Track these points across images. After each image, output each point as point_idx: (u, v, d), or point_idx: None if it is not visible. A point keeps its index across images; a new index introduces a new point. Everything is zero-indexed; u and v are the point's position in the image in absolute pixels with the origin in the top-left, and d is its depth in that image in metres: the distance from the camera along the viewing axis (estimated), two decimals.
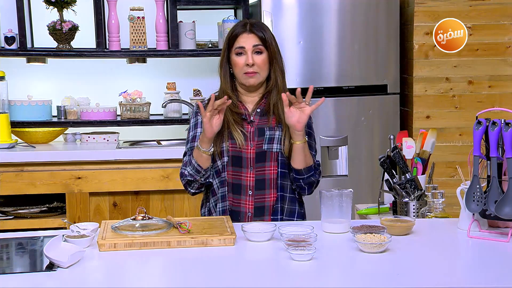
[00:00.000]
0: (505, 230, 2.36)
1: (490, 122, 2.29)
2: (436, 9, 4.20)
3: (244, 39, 2.65)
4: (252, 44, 2.64)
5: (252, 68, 2.63)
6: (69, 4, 4.16)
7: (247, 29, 2.66)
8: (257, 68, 2.64)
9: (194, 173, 2.62)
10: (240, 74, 2.66)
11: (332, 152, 4.23)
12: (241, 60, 2.65)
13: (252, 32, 2.65)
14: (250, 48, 2.64)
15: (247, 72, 2.64)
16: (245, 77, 2.65)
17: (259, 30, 2.66)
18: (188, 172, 2.63)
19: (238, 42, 2.66)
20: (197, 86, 4.40)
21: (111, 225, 2.37)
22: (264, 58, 2.65)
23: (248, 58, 2.63)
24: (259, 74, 2.65)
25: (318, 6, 4.16)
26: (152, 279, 2.03)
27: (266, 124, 2.68)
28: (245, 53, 2.64)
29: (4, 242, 2.36)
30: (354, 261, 2.14)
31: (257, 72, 2.64)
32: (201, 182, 2.65)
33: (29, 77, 4.42)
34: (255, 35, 2.65)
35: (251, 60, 2.63)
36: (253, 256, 2.22)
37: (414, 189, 2.69)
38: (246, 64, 2.63)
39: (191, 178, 2.63)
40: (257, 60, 2.64)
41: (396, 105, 4.32)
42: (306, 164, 2.62)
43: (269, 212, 2.66)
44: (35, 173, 3.90)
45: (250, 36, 2.65)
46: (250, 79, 2.65)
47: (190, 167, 2.62)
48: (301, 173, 2.63)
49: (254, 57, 2.63)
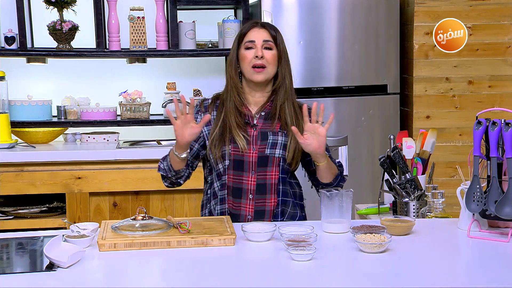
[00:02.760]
0: (505, 230, 2.36)
1: (490, 122, 2.29)
2: (436, 9, 4.20)
3: (255, 33, 2.65)
4: (262, 39, 2.64)
5: (261, 61, 2.62)
6: (69, 4, 4.16)
7: (259, 24, 2.67)
8: (265, 62, 2.63)
9: (167, 170, 2.64)
10: (248, 69, 2.64)
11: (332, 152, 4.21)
12: (250, 53, 2.63)
13: (263, 28, 2.66)
14: (260, 42, 2.63)
15: (255, 66, 2.62)
16: (252, 72, 2.63)
17: (271, 28, 2.67)
18: (162, 166, 2.65)
19: (248, 36, 2.65)
20: (197, 86, 4.39)
21: (111, 225, 2.37)
22: (274, 54, 2.64)
23: (258, 51, 2.62)
24: (267, 70, 2.63)
25: (318, 6, 4.16)
26: (152, 279, 2.03)
27: (270, 128, 2.66)
28: (255, 47, 2.63)
29: (4, 242, 2.36)
30: (354, 261, 2.14)
31: (265, 67, 2.63)
32: (172, 181, 2.67)
33: (29, 77, 4.42)
34: (266, 30, 2.66)
35: (261, 52, 2.62)
36: (253, 256, 2.22)
37: (414, 189, 2.69)
38: (256, 56, 2.62)
39: (163, 173, 2.66)
40: (266, 55, 2.63)
41: (396, 105, 4.32)
42: (333, 175, 2.64)
43: (269, 216, 2.64)
44: (35, 173, 3.91)
45: (261, 31, 2.65)
46: (258, 75, 2.63)
47: (165, 163, 2.64)
48: (330, 184, 2.65)
49: (264, 51, 2.63)
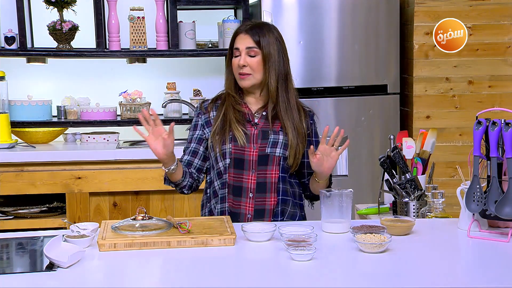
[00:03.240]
0: (505, 230, 2.36)
1: (490, 122, 2.29)
2: (436, 9, 4.20)
3: (239, 39, 2.66)
4: (246, 46, 2.64)
5: (244, 70, 2.63)
6: (69, 4, 4.16)
7: (244, 30, 2.66)
8: (249, 69, 2.63)
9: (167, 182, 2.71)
10: (236, 75, 2.67)
11: None
12: (236, 61, 2.65)
13: (247, 33, 2.64)
14: (244, 50, 2.64)
15: (240, 73, 2.64)
16: (239, 78, 2.66)
17: (256, 34, 2.64)
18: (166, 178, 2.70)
19: (235, 43, 2.67)
20: (197, 86, 4.40)
21: (111, 225, 2.37)
22: (258, 60, 2.63)
23: (241, 59, 2.63)
24: (252, 76, 2.64)
25: (318, 6, 4.16)
26: (152, 279, 2.03)
27: (270, 127, 2.67)
28: (240, 54, 2.64)
29: (4, 242, 2.36)
30: (354, 261, 2.14)
31: (249, 74, 2.64)
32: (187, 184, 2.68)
33: (29, 77, 4.42)
34: (249, 36, 2.64)
35: (243, 61, 2.62)
36: (253, 256, 2.22)
37: (414, 189, 2.69)
38: (238, 64, 2.64)
39: (168, 184, 2.72)
40: (250, 62, 2.63)
41: (396, 105, 4.32)
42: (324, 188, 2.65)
43: (269, 215, 2.65)
44: (35, 173, 3.91)
45: (245, 37, 2.64)
46: (243, 82, 2.66)
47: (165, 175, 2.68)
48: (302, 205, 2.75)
49: (247, 58, 2.63)
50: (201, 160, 2.71)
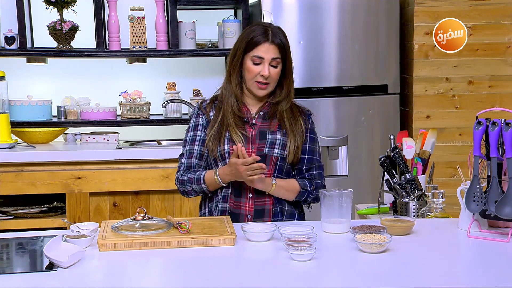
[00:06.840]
0: (505, 230, 2.36)
1: (490, 122, 2.29)
2: (436, 9, 4.20)
3: (265, 49, 2.61)
4: (271, 57, 2.61)
5: (266, 80, 2.63)
6: (69, 4, 4.16)
7: (269, 38, 2.62)
8: (270, 80, 2.64)
9: (199, 192, 2.68)
10: (251, 82, 2.65)
11: (332, 152, 4.23)
12: (256, 69, 2.62)
13: (273, 43, 2.62)
14: (269, 60, 2.62)
15: (259, 82, 2.63)
16: (255, 86, 2.65)
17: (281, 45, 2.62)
18: (193, 189, 2.67)
19: (258, 51, 2.61)
20: (197, 86, 4.39)
21: (111, 225, 2.37)
22: (278, 71, 2.64)
23: (265, 70, 2.61)
24: (270, 86, 2.65)
25: (318, 6, 4.16)
26: (152, 279, 2.03)
27: (268, 127, 2.68)
28: (262, 64, 2.62)
29: (4, 242, 2.36)
30: (354, 261, 2.14)
31: (268, 83, 2.64)
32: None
33: (29, 77, 4.42)
34: (276, 47, 2.62)
35: (267, 73, 2.61)
36: (253, 256, 2.22)
37: (414, 189, 2.69)
38: (261, 74, 2.62)
39: (195, 195, 2.71)
40: (271, 72, 2.62)
41: (396, 105, 4.32)
42: (294, 194, 2.66)
43: (269, 215, 2.65)
44: (35, 173, 3.90)
45: (271, 47, 2.61)
46: (260, 91, 2.65)
47: (197, 187, 2.65)
48: (298, 203, 2.72)
49: (270, 69, 2.62)
50: (206, 163, 2.72)
